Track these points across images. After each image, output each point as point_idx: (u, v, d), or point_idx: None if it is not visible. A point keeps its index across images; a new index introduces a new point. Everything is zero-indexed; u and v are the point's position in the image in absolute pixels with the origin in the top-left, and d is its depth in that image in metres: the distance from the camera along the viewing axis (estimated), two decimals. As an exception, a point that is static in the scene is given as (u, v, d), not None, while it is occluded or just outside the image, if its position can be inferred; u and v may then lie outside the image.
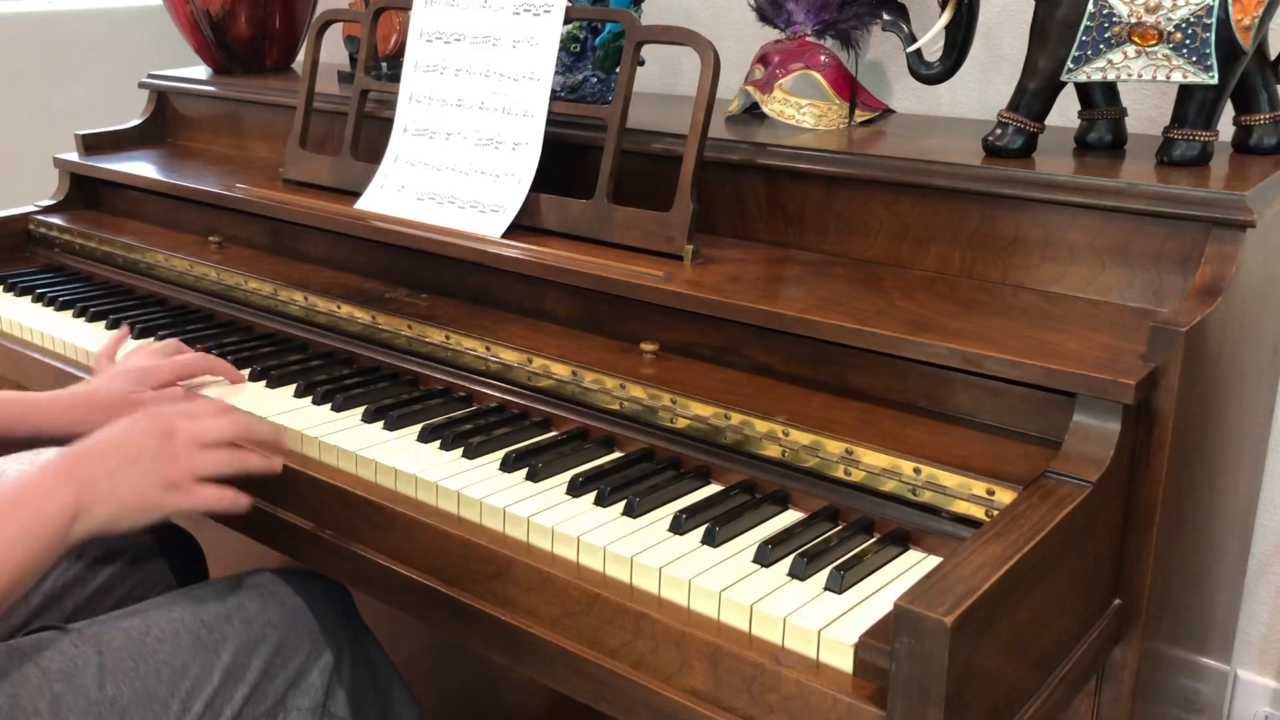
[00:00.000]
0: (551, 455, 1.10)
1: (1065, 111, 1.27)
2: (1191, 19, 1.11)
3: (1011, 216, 1.15)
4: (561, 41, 1.40)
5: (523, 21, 1.37)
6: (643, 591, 0.93)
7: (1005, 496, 0.93)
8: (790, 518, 1.02)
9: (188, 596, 1.13)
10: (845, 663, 0.82)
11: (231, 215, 1.67)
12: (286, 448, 1.14)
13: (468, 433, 1.15)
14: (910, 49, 1.32)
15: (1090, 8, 1.14)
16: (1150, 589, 1.00)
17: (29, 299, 1.66)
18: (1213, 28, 1.10)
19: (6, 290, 1.70)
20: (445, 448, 1.13)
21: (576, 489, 1.05)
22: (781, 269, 1.24)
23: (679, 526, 0.98)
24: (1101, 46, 1.15)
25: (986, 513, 0.94)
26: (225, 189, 1.65)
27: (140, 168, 1.83)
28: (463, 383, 1.28)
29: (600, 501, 1.02)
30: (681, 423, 1.11)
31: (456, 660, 1.67)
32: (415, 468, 1.09)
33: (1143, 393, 0.93)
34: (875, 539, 0.97)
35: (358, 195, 1.50)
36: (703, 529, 0.97)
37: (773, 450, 1.06)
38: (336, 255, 1.56)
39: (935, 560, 0.95)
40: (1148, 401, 0.95)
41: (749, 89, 1.49)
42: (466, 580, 1.02)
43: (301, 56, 1.82)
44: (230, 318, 1.53)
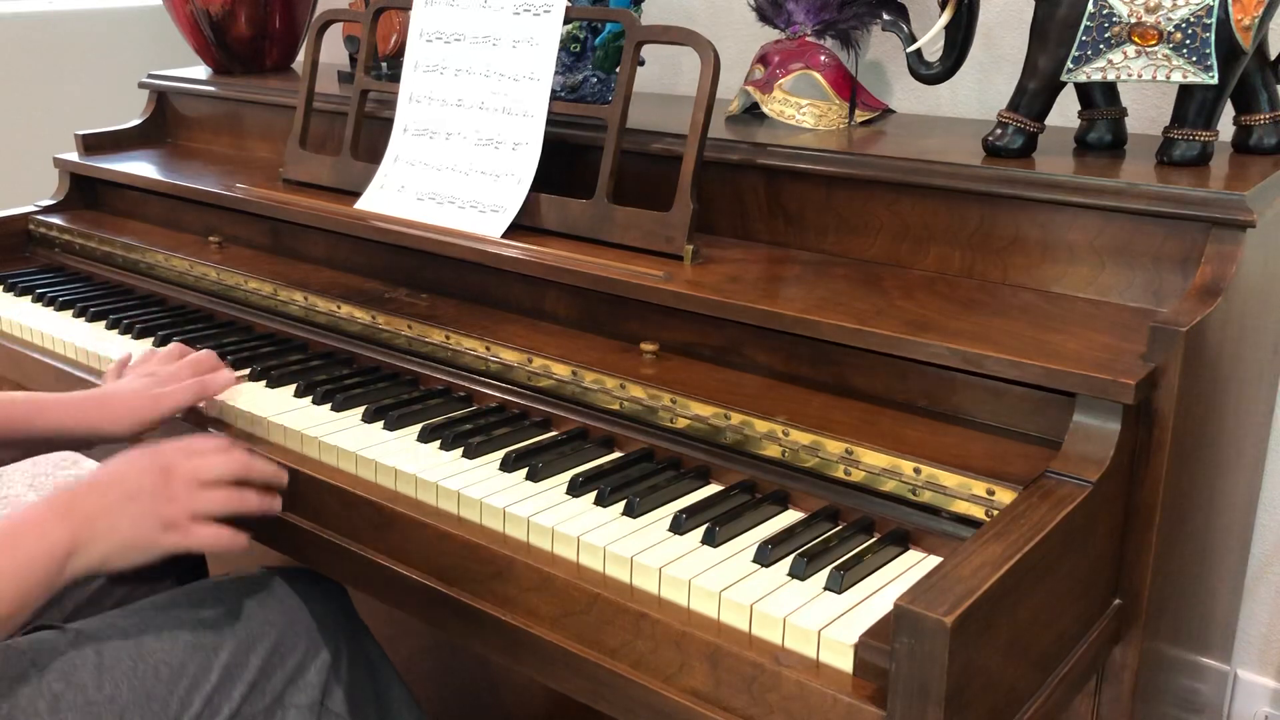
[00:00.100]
0: (551, 455, 1.10)
1: (1065, 111, 1.27)
2: (1191, 19, 1.11)
3: (1011, 216, 1.15)
4: (561, 41, 1.40)
5: (523, 21, 1.37)
6: (643, 591, 0.93)
7: (1005, 496, 0.93)
8: (790, 518, 1.02)
9: (186, 595, 1.13)
10: (845, 663, 0.82)
11: (231, 215, 1.67)
12: (285, 485, 1.13)
13: (468, 433, 1.15)
14: (910, 49, 1.33)
15: (1090, 8, 1.14)
16: (1150, 589, 1.00)
17: (29, 299, 1.66)
18: (1213, 28, 1.10)
19: (6, 290, 1.70)
20: (445, 448, 1.13)
21: (576, 489, 1.05)
22: (781, 269, 1.24)
23: (679, 526, 0.98)
24: (1101, 46, 1.15)
25: (986, 513, 0.94)
26: (225, 189, 1.65)
27: (140, 168, 1.83)
28: (463, 383, 1.28)
29: (600, 501, 1.02)
30: (681, 423, 1.11)
31: (456, 660, 1.67)
32: (415, 468, 1.09)
33: (1143, 393, 0.93)
34: (875, 539, 0.97)
35: (358, 195, 1.50)
36: (703, 529, 0.97)
37: (773, 450, 1.06)
38: (336, 255, 1.56)
39: (935, 560, 0.95)
40: (1148, 401, 0.95)
41: (749, 89, 1.49)
42: (466, 580, 1.02)
43: (301, 56, 1.82)
44: (230, 318, 1.53)
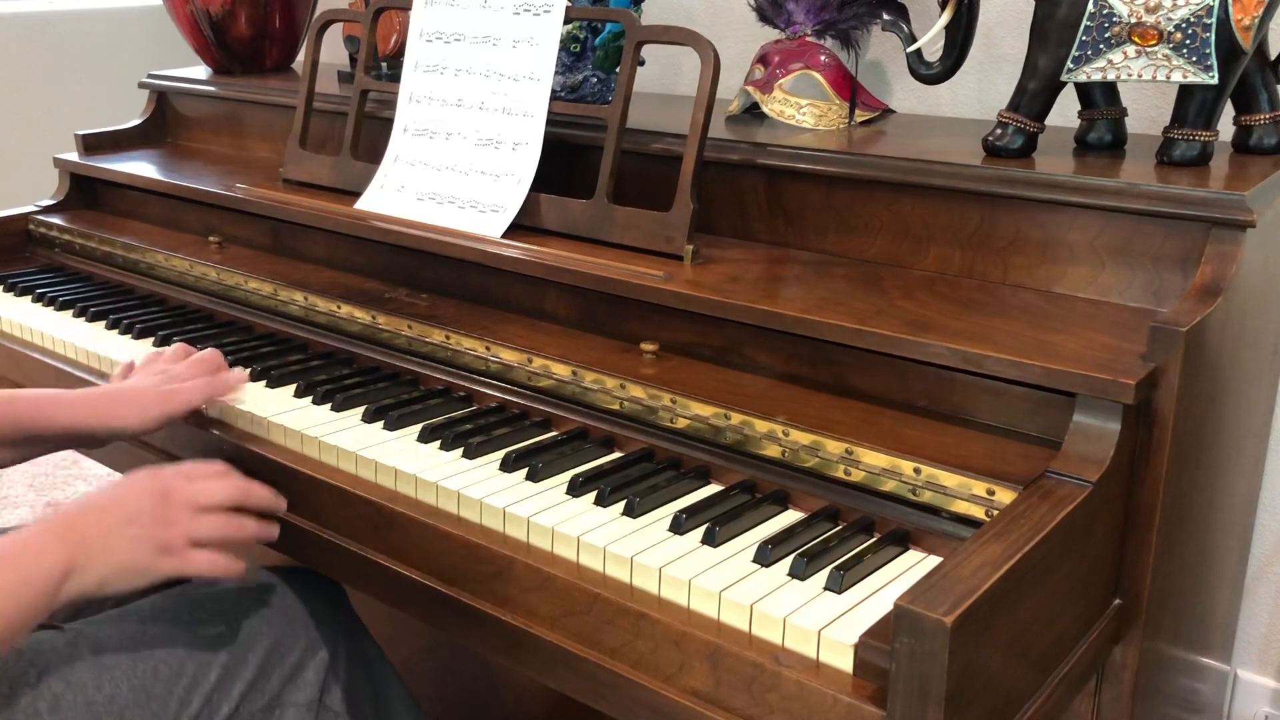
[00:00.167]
0: (551, 455, 1.10)
1: (1065, 111, 1.27)
2: (1191, 19, 1.11)
3: (1011, 216, 1.15)
4: (561, 41, 1.40)
5: (523, 21, 1.37)
6: (643, 591, 0.93)
7: (1005, 496, 0.93)
8: (790, 518, 1.02)
9: (185, 595, 1.13)
10: (845, 663, 0.82)
11: (231, 215, 1.67)
12: (283, 511, 1.12)
13: (468, 433, 1.15)
14: (910, 49, 1.33)
15: (1090, 8, 1.14)
16: (1150, 589, 1.00)
17: (29, 299, 1.66)
18: (1213, 28, 1.10)
19: (6, 290, 1.70)
20: (445, 448, 1.13)
21: (576, 489, 1.05)
22: (781, 269, 1.24)
23: (679, 526, 0.98)
24: (1101, 46, 1.15)
25: (986, 513, 0.94)
26: (225, 189, 1.65)
27: (140, 168, 1.83)
28: (463, 383, 1.28)
29: (600, 501, 1.02)
30: (681, 423, 1.11)
31: (457, 660, 1.67)
32: (415, 468, 1.09)
33: (1143, 393, 0.93)
34: (875, 539, 0.97)
35: (358, 195, 1.50)
36: (703, 529, 0.97)
37: (773, 450, 1.06)
38: (336, 255, 1.56)
39: (935, 560, 0.95)
40: (1148, 401, 0.95)
41: (749, 89, 1.49)
42: (466, 580, 1.02)
43: (301, 56, 1.82)
44: (230, 318, 1.53)
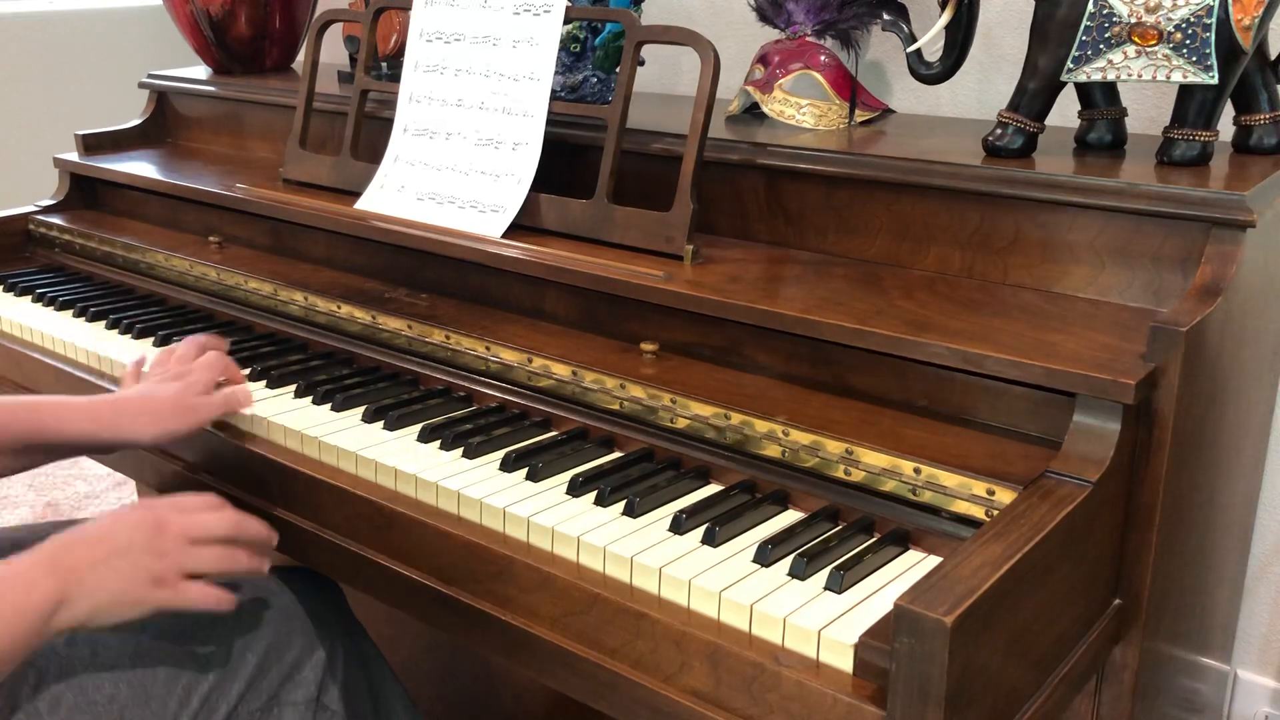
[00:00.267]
0: (551, 455, 1.10)
1: (1065, 111, 1.27)
2: (1191, 19, 1.11)
3: (1011, 216, 1.15)
4: (561, 41, 1.40)
5: (523, 21, 1.37)
6: (643, 591, 0.93)
7: (1005, 496, 0.93)
8: (790, 518, 1.02)
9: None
10: (845, 663, 0.82)
11: (231, 215, 1.67)
12: (275, 545, 1.11)
13: (468, 433, 1.15)
14: (910, 49, 1.33)
15: (1090, 8, 1.14)
16: (1150, 589, 1.00)
17: (29, 299, 1.66)
18: (1213, 28, 1.10)
19: (6, 290, 1.70)
20: (445, 448, 1.13)
21: (576, 489, 1.05)
22: (781, 269, 1.24)
23: (679, 526, 0.98)
24: (1101, 46, 1.15)
25: (986, 513, 0.94)
26: (225, 189, 1.65)
27: (140, 168, 1.83)
28: (463, 383, 1.28)
29: (600, 501, 1.02)
30: (681, 423, 1.11)
31: (457, 660, 1.67)
32: (415, 468, 1.09)
33: (1143, 393, 0.93)
34: (875, 539, 0.97)
35: (358, 195, 1.50)
36: (703, 529, 0.97)
37: (773, 450, 1.06)
38: (336, 255, 1.56)
39: (935, 560, 0.95)
40: (1148, 401, 0.95)
41: (749, 89, 1.49)
42: (466, 580, 1.02)
43: (301, 56, 1.82)
44: (230, 318, 1.53)
